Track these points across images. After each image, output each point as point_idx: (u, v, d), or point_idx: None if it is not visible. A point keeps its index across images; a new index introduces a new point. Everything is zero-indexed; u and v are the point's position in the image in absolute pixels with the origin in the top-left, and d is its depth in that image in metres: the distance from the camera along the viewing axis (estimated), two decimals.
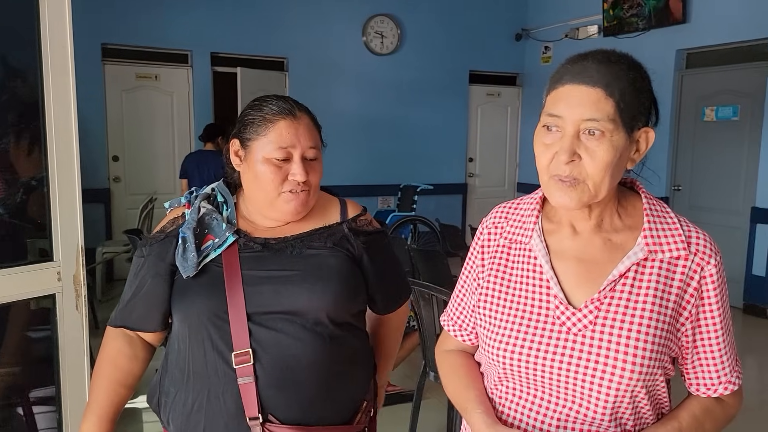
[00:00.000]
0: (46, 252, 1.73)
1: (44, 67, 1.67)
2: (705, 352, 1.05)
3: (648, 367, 1.00)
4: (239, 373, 1.22)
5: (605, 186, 0.98)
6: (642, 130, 1.01)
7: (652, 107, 1.03)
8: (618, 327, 1.00)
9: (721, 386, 1.07)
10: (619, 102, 0.96)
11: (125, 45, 6.36)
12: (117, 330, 1.37)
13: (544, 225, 1.10)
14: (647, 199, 1.07)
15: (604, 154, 0.96)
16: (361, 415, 1.35)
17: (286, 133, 1.30)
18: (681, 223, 1.05)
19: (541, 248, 1.07)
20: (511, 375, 1.07)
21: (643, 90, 1.00)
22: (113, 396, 1.33)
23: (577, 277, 1.04)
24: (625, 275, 1.01)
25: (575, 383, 1.01)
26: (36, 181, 1.73)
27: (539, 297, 1.06)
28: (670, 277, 1.02)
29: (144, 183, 6.54)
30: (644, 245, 1.02)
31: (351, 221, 1.40)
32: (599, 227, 1.06)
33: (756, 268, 5.63)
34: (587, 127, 0.96)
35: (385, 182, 7.55)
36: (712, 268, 1.02)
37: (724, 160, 5.93)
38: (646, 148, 1.03)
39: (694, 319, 1.03)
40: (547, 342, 1.03)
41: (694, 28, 6.06)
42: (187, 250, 1.28)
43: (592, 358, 1.00)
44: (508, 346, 1.06)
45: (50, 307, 1.76)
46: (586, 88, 0.96)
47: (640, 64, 1.02)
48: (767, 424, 3.56)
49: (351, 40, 7.34)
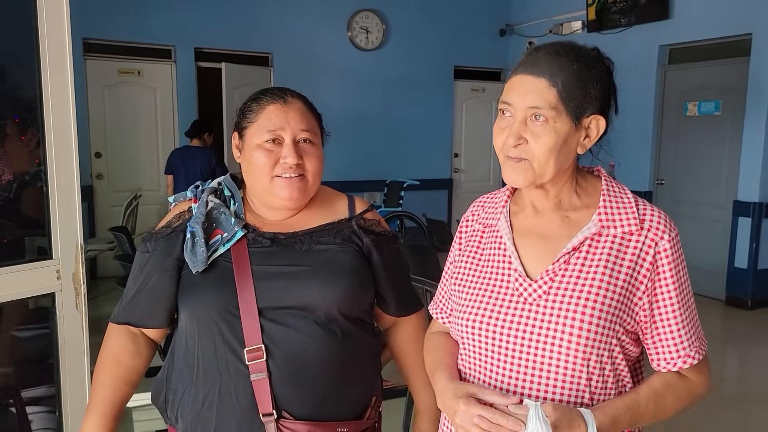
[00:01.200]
0: (45, 250, 1.71)
1: (42, 62, 1.64)
2: (663, 326, 1.09)
3: (597, 334, 1.04)
4: (252, 369, 1.21)
5: (550, 168, 1.06)
6: (591, 118, 1.08)
7: (609, 97, 1.11)
8: (569, 297, 1.05)
9: (680, 360, 1.10)
10: (562, 91, 1.04)
11: (107, 40, 6.28)
12: (120, 326, 1.34)
13: (511, 208, 1.20)
14: (606, 181, 1.14)
15: (546, 138, 1.05)
16: (371, 410, 1.34)
17: (274, 117, 1.30)
18: (637, 202, 1.11)
19: (505, 227, 1.16)
20: (476, 345, 1.13)
21: (591, 80, 1.06)
22: (116, 393, 1.31)
23: (536, 252, 1.12)
24: (578, 249, 1.08)
25: (529, 351, 1.07)
26: (34, 178, 1.70)
27: (503, 272, 1.14)
28: (622, 251, 1.07)
29: (127, 180, 6.47)
30: (598, 221, 1.09)
31: (359, 218, 1.39)
32: (558, 206, 1.13)
33: (738, 261, 5.73)
34: (532, 113, 1.05)
35: (371, 178, 7.55)
36: (666, 243, 1.07)
37: (707, 154, 6.01)
38: (597, 134, 1.10)
39: (650, 294, 1.08)
40: (506, 312, 1.10)
41: (677, 23, 6.13)
42: (196, 245, 1.27)
43: (544, 326, 1.06)
44: (471, 316, 1.14)
45: (49, 306, 1.73)
46: (533, 78, 1.06)
47: (590, 56, 1.09)
48: (748, 414, 3.63)
49: (336, 35, 7.32)
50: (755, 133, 5.51)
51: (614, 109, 1.14)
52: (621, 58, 5.51)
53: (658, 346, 1.11)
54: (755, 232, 5.58)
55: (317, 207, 1.39)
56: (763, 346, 4.93)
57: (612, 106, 1.13)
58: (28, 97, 1.67)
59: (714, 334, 5.17)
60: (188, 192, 1.38)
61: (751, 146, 5.55)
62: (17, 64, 1.70)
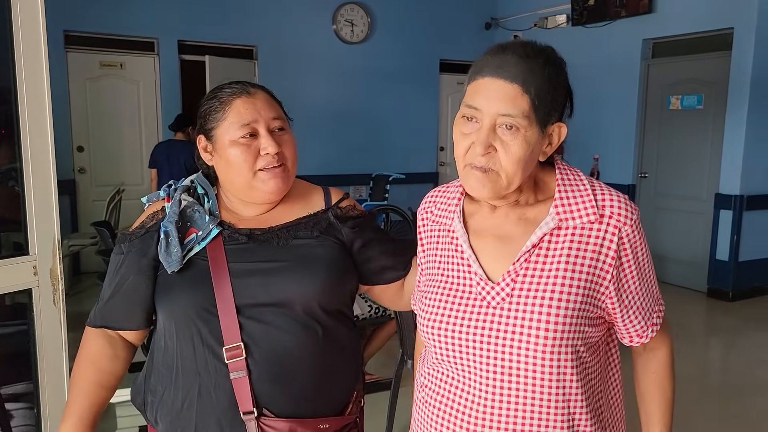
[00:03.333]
0: (21, 246, 1.68)
1: (16, 54, 1.61)
2: (630, 306, 1.09)
3: (564, 332, 1.01)
4: (231, 368, 1.20)
5: (517, 178, 1.02)
6: (555, 125, 1.03)
7: (567, 100, 1.05)
8: (532, 296, 1.02)
9: (649, 329, 1.13)
10: (534, 99, 0.98)
11: (89, 32, 6.20)
12: (97, 330, 1.32)
13: (465, 207, 1.15)
14: (560, 171, 1.10)
15: (517, 148, 0.99)
16: (352, 405, 1.34)
17: (244, 110, 1.27)
18: (594, 189, 1.07)
19: (460, 229, 1.12)
20: (442, 352, 1.11)
21: (559, 85, 1.02)
22: (94, 398, 1.28)
23: (495, 254, 1.08)
24: (538, 246, 1.05)
25: (496, 354, 1.04)
26: (9, 172, 1.68)
27: (463, 275, 1.10)
28: (583, 242, 1.04)
29: (110, 174, 6.41)
30: (555, 215, 1.05)
31: (335, 207, 1.38)
32: (515, 204, 1.09)
33: (719, 253, 5.79)
34: (503, 122, 0.99)
35: (356, 171, 7.53)
36: (628, 228, 1.04)
37: (689, 147, 6.06)
38: (558, 141, 1.05)
39: (617, 281, 1.05)
40: (469, 317, 1.06)
41: (660, 18, 6.17)
42: (170, 245, 1.25)
43: (509, 329, 1.02)
44: (434, 323, 1.10)
45: (26, 302, 1.71)
46: (504, 82, 0.98)
47: (557, 59, 1.04)
48: (730, 405, 3.67)
49: (321, 28, 7.28)
50: (737, 127, 5.56)
51: (570, 112, 1.08)
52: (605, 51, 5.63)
53: (628, 326, 1.12)
54: (736, 225, 5.64)
55: (293, 201, 1.38)
56: (744, 337, 4.99)
57: (568, 109, 1.08)
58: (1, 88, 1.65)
59: (696, 326, 5.23)
60: (161, 191, 1.36)
61: (733, 140, 5.60)
62: None
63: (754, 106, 5.48)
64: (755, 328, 5.15)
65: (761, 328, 5.13)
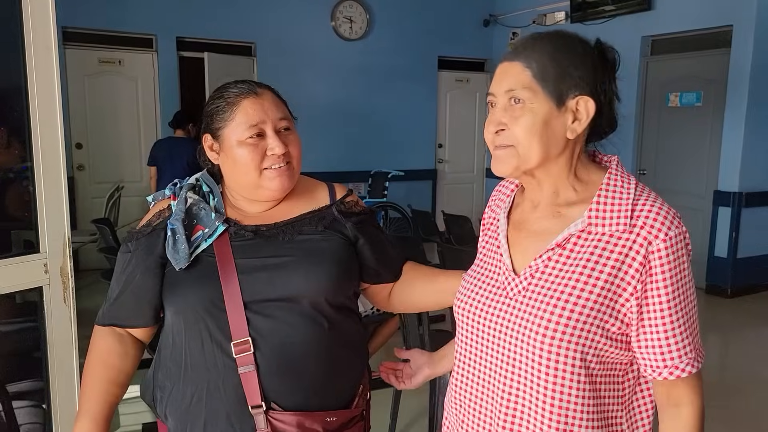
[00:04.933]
0: (32, 244, 1.68)
1: (27, 52, 1.61)
2: (651, 331, 1.02)
3: (564, 334, 0.99)
4: (239, 363, 1.21)
5: (534, 151, 1.03)
6: (577, 98, 1.04)
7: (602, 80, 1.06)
8: (544, 294, 1.03)
9: (666, 370, 1.03)
10: (536, 71, 1.02)
11: (87, 29, 6.18)
12: (106, 328, 1.33)
13: (516, 200, 1.19)
14: (610, 175, 1.09)
15: (524, 119, 1.03)
16: (359, 398, 1.36)
17: (251, 111, 1.29)
18: (638, 199, 1.04)
19: (502, 221, 1.16)
20: (467, 336, 1.15)
21: (569, 60, 1.03)
22: (106, 396, 1.29)
23: (526, 247, 1.11)
24: (562, 245, 1.05)
25: (506, 345, 1.06)
26: (20, 172, 1.68)
27: (496, 264, 1.14)
28: (608, 249, 1.01)
29: (109, 171, 6.40)
30: (586, 218, 1.05)
31: (340, 203, 1.40)
32: (554, 200, 1.10)
33: (718, 250, 5.82)
34: (509, 96, 1.04)
35: (355, 168, 7.53)
36: (661, 243, 0.99)
37: (688, 144, 6.09)
38: (587, 117, 1.05)
39: (640, 296, 1.01)
40: (490, 304, 1.10)
41: (659, 15, 6.19)
42: (177, 242, 1.26)
43: (520, 322, 1.04)
44: (463, 304, 1.15)
45: (37, 300, 1.71)
46: (508, 63, 1.06)
47: (570, 38, 1.07)
48: (729, 401, 3.69)
49: (320, 24, 7.27)
50: (735, 124, 5.59)
51: (613, 95, 1.09)
52: None
53: (644, 352, 1.04)
54: (735, 222, 5.67)
55: (298, 197, 1.39)
56: (742, 333, 5.03)
57: (608, 91, 1.08)
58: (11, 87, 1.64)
59: (695, 317, 5.25)
60: (167, 190, 1.37)
61: (732, 137, 5.63)
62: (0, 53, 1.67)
63: (753, 103, 5.51)
64: (753, 324, 5.18)
65: (759, 325, 5.16)
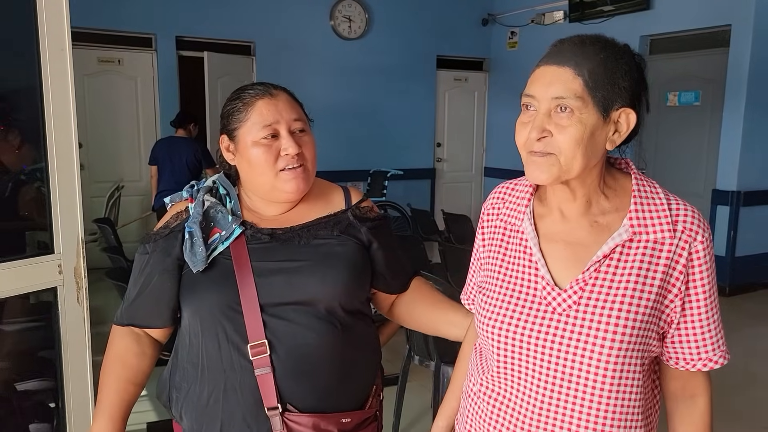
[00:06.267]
0: (47, 245, 1.69)
1: (42, 54, 1.62)
2: (689, 326, 1.06)
3: (630, 344, 1.01)
4: (256, 365, 1.23)
5: (577, 162, 1.01)
6: (621, 111, 1.02)
7: (639, 92, 1.04)
8: (600, 307, 1.01)
9: (701, 362, 1.08)
10: (588, 81, 0.99)
11: (86, 28, 6.15)
12: (124, 328, 1.35)
13: (536, 208, 1.14)
14: (637, 180, 1.09)
15: (573, 129, 0.99)
16: (372, 399, 1.37)
17: (266, 111, 1.30)
18: (670, 203, 1.06)
19: (530, 232, 1.11)
20: (503, 354, 1.10)
21: (619, 70, 1.01)
22: (123, 395, 1.32)
23: (564, 260, 1.07)
24: (609, 256, 1.03)
25: (558, 362, 1.03)
26: (34, 173, 1.68)
27: (529, 278, 1.09)
28: (656, 256, 1.03)
29: (109, 170, 6.38)
30: (629, 227, 1.04)
31: (355, 208, 1.41)
32: (587, 210, 1.08)
33: (716, 249, 5.82)
34: (557, 104, 1.00)
35: (354, 168, 7.53)
36: (698, 245, 1.03)
37: (687, 143, 6.11)
38: (627, 129, 1.04)
39: (683, 296, 1.04)
40: (533, 321, 1.06)
41: (657, 14, 6.21)
42: (195, 245, 1.27)
43: (574, 337, 1.02)
44: (495, 323, 1.10)
45: (51, 300, 1.72)
46: (557, 68, 1.01)
47: (618, 46, 1.04)
48: (726, 399, 3.71)
49: (319, 24, 7.27)
50: (734, 123, 5.62)
51: (645, 106, 1.07)
52: None
53: (682, 345, 1.07)
54: (733, 221, 5.71)
55: (314, 200, 1.40)
56: (740, 332, 5.05)
57: (643, 102, 1.06)
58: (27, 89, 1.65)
59: (720, 312, 5.28)
60: (184, 192, 1.38)
61: (730, 136, 5.66)
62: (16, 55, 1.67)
63: (751, 102, 5.54)
64: (752, 323, 5.21)
65: (757, 323, 5.19)
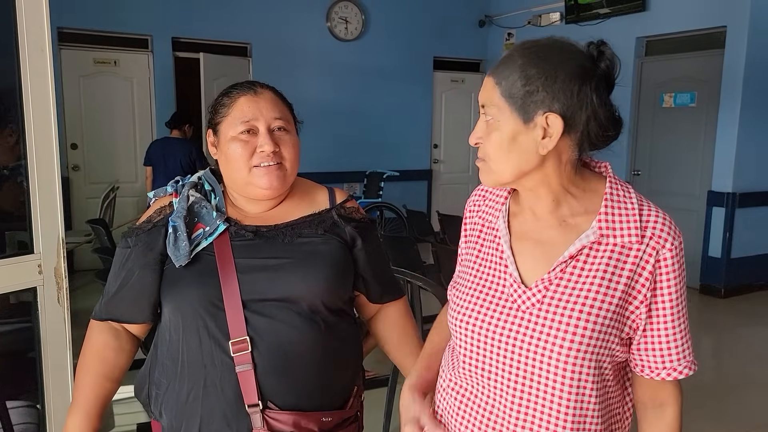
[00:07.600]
0: (26, 244, 1.69)
1: (21, 51, 1.61)
2: (654, 334, 1.06)
3: (589, 346, 1.01)
4: (237, 361, 1.22)
5: (506, 167, 1.04)
6: (545, 115, 1.00)
7: (577, 96, 1.01)
8: (562, 307, 1.02)
9: (665, 371, 1.07)
10: (505, 89, 1.02)
11: (82, 29, 6.17)
12: (102, 323, 1.34)
13: (511, 208, 1.16)
14: (611, 184, 1.09)
15: (493, 135, 1.04)
16: (354, 399, 1.37)
17: (246, 108, 1.31)
18: (642, 208, 1.06)
19: (503, 229, 1.13)
20: (469, 350, 1.11)
21: (540, 74, 0.99)
22: (99, 390, 1.31)
23: (533, 258, 1.08)
24: (576, 257, 1.04)
25: (519, 359, 1.04)
26: (13, 170, 1.68)
27: (499, 275, 1.11)
28: (622, 260, 1.03)
29: (104, 171, 6.38)
30: (597, 228, 1.04)
31: (339, 207, 1.41)
32: (555, 209, 1.09)
33: (712, 250, 5.84)
34: (483, 112, 1.06)
35: (350, 169, 7.54)
36: (667, 252, 1.04)
37: (682, 145, 6.11)
38: (556, 133, 1.01)
39: (648, 302, 1.04)
40: (498, 318, 1.07)
41: (653, 15, 6.21)
42: (178, 239, 1.27)
43: (535, 336, 1.03)
44: (463, 317, 1.11)
45: (31, 301, 1.71)
46: (487, 77, 1.06)
47: (544, 53, 1.02)
48: (722, 401, 3.71)
49: (315, 25, 7.28)
50: (729, 125, 5.61)
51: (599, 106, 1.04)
52: None
53: (648, 353, 1.08)
54: (729, 222, 5.70)
55: (298, 199, 1.40)
56: (736, 333, 5.05)
57: (590, 103, 1.02)
58: (5, 87, 1.64)
59: (688, 322, 5.28)
60: (168, 187, 1.38)
61: (725, 137, 5.65)
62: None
63: (747, 103, 5.53)
64: (747, 324, 5.20)
65: (753, 324, 5.18)
